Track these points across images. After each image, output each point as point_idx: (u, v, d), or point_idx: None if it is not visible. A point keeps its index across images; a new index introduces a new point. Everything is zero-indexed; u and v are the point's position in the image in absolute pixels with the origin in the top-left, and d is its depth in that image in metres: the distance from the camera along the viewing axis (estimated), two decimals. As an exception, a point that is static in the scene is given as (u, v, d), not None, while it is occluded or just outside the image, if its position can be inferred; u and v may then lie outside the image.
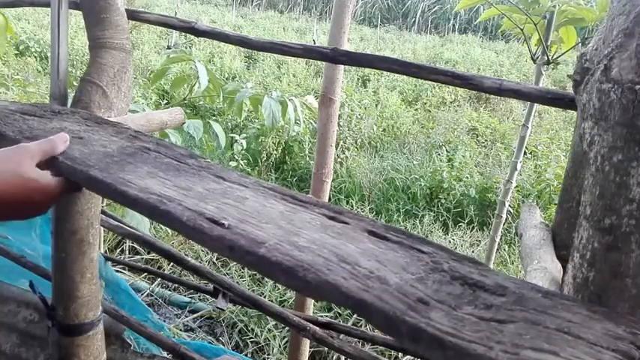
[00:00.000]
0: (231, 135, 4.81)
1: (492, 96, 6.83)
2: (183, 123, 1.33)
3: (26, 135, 0.76)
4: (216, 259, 3.23)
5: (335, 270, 0.46)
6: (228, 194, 0.63)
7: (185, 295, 2.88)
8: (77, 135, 0.80)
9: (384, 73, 7.94)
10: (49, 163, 0.70)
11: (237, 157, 4.50)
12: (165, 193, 0.61)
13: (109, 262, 1.96)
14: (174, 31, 6.06)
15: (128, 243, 3.17)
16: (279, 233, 0.53)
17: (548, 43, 1.88)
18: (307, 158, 4.82)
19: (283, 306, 2.74)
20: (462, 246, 3.71)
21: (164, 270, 2.99)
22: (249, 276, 3.05)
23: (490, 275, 0.49)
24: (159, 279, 2.86)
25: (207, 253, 3.24)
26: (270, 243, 0.50)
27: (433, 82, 2.61)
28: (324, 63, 1.61)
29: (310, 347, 1.92)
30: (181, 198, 0.60)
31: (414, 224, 3.99)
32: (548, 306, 0.44)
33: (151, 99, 5.55)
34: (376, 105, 6.62)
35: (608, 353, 0.38)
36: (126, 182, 0.63)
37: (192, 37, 2.42)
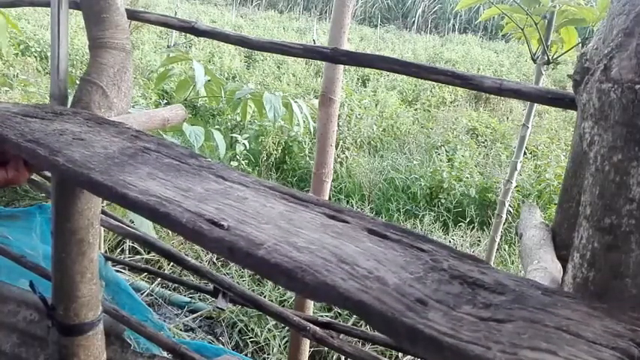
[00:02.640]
0: (232, 135, 4.81)
1: (492, 96, 6.84)
2: (185, 119, 1.33)
3: (27, 138, 0.76)
4: (216, 259, 3.23)
5: (334, 271, 0.46)
6: (229, 194, 0.63)
7: (185, 295, 2.88)
8: (78, 137, 0.80)
9: (384, 73, 7.94)
10: (50, 166, 0.70)
11: (238, 158, 4.50)
12: (165, 194, 0.61)
13: (109, 262, 1.96)
14: (174, 31, 6.06)
15: (128, 243, 3.17)
16: (278, 234, 0.53)
17: (549, 43, 1.88)
18: (307, 158, 4.82)
19: (283, 306, 2.74)
20: (462, 246, 3.71)
21: (164, 270, 2.99)
22: (249, 276, 3.05)
23: (490, 273, 0.49)
24: (159, 279, 2.87)
25: (208, 252, 3.24)
26: (269, 244, 0.50)
27: (433, 82, 2.61)
28: (324, 63, 1.61)
29: (310, 347, 1.91)
30: (181, 199, 0.60)
31: (414, 224, 3.99)
32: (548, 303, 0.44)
33: (151, 99, 5.55)
34: (376, 105, 6.62)
35: (607, 351, 0.38)
36: (126, 184, 0.63)
37: (192, 37, 2.41)
